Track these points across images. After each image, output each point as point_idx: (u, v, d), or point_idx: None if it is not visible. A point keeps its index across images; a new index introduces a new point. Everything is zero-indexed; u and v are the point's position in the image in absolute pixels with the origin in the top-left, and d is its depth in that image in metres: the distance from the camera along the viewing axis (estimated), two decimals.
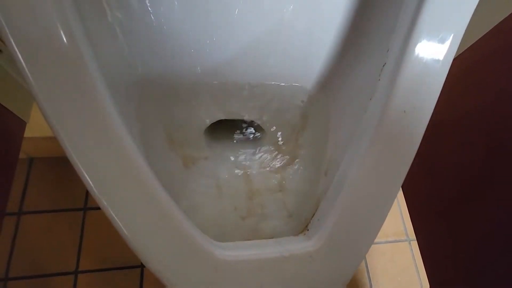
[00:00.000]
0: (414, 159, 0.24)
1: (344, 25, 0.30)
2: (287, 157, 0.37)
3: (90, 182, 0.19)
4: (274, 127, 0.37)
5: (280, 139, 0.38)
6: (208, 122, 0.35)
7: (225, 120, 0.35)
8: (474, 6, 0.25)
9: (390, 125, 0.24)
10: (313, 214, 0.27)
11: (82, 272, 0.71)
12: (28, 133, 0.58)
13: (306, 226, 0.26)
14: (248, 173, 0.36)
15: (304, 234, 0.25)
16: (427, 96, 0.24)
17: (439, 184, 0.57)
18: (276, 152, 0.37)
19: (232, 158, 0.37)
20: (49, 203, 0.75)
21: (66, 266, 0.72)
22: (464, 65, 0.50)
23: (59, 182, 0.75)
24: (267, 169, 0.36)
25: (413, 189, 0.69)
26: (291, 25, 0.31)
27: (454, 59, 0.25)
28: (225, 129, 0.38)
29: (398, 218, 0.92)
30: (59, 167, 0.76)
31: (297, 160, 0.36)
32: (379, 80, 0.26)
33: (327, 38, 0.32)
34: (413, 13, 0.25)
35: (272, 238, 0.31)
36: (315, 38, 0.32)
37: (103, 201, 0.19)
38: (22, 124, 0.54)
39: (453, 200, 0.54)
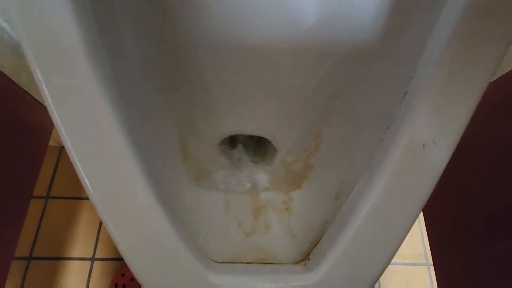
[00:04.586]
0: (438, 184, 0.22)
1: (367, 44, 0.29)
2: (297, 176, 0.36)
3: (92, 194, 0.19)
4: (286, 145, 0.36)
5: (291, 157, 0.37)
6: (223, 135, 0.35)
7: (238, 134, 0.35)
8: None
9: (407, 159, 0.22)
10: (318, 242, 0.26)
11: (98, 259, 0.75)
12: None
13: (308, 255, 0.25)
14: (256, 189, 0.35)
15: (304, 264, 0.24)
16: (450, 132, 0.22)
17: (463, 213, 0.53)
18: (286, 171, 0.37)
19: (243, 173, 0.37)
20: (74, 190, 0.79)
21: (84, 252, 0.75)
22: (499, 88, 0.46)
23: None
24: (275, 187, 0.36)
25: (434, 214, 0.65)
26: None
27: (491, 83, 0.23)
28: (237, 142, 0.38)
29: (418, 240, 0.87)
30: None
31: (306, 180, 0.36)
32: (399, 108, 0.25)
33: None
34: (446, 39, 0.23)
35: (274, 257, 0.31)
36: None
37: (104, 215, 0.19)
38: None
39: (477, 233, 0.50)
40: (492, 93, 0.46)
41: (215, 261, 0.24)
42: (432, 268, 0.84)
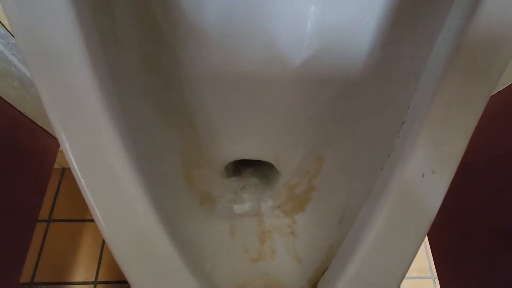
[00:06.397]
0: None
1: (363, 74, 0.30)
2: (300, 199, 0.37)
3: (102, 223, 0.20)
4: (289, 168, 0.37)
5: (294, 180, 0.38)
6: (226, 161, 0.36)
7: (241, 159, 0.36)
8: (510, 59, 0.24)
9: (407, 188, 0.23)
10: (324, 268, 0.26)
11: (101, 283, 0.74)
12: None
13: (316, 284, 0.25)
14: (261, 214, 0.36)
15: None
16: (448, 160, 0.23)
17: (465, 229, 0.54)
18: (290, 194, 0.37)
19: (247, 198, 0.37)
20: (76, 212, 0.79)
21: (86, 275, 0.75)
22: (499, 105, 0.47)
23: None
24: (280, 211, 0.37)
25: (436, 229, 0.65)
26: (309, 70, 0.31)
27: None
28: (240, 168, 0.39)
29: (422, 254, 0.86)
30: None
31: (309, 203, 0.36)
32: (398, 137, 0.26)
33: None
34: (440, 70, 0.24)
35: (281, 284, 0.31)
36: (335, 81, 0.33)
37: (113, 250, 0.20)
38: (57, 142, 0.58)
39: (480, 248, 0.50)
40: (490, 105, 0.47)
41: None
42: (437, 281, 0.83)
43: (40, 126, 0.53)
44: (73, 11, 0.19)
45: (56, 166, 0.81)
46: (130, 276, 0.20)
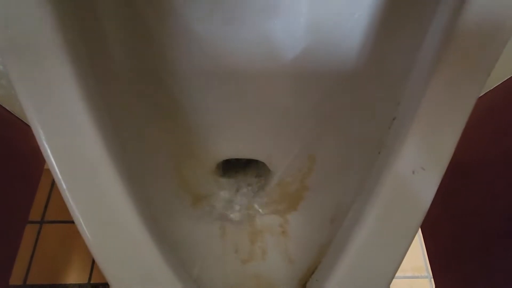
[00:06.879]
0: (434, 199, 0.22)
1: (354, 70, 0.30)
2: (292, 198, 0.36)
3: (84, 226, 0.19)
4: (281, 167, 0.37)
5: (286, 179, 0.37)
6: (218, 160, 0.36)
7: (232, 158, 0.36)
8: (499, 54, 0.24)
9: (398, 186, 0.23)
10: (314, 269, 0.26)
11: (94, 284, 0.73)
12: None
13: (305, 284, 0.25)
14: (252, 214, 0.36)
15: None
16: (438, 157, 0.23)
17: (460, 228, 0.53)
18: (282, 193, 0.37)
19: (238, 197, 0.37)
20: (69, 214, 0.78)
21: (80, 277, 0.74)
22: (490, 105, 0.47)
23: None
24: (272, 210, 0.36)
25: (431, 228, 0.65)
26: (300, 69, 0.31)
27: (479, 98, 0.24)
28: (231, 167, 0.38)
29: (418, 252, 0.86)
30: None
31: (302, 202, 0.36)
32: (388, 134, 0.25)
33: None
34: (430, 66, 0.24)
35: (272, 285, 0.30)
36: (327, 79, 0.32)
37: (93, 251, 0.19)
38: None
39: (474, 247, 0.50)
40: (481, 106, 0.47)
41: None
42: (433, 280, 0.83)
43: (29, 126, 0.52)
44: (50, 4, 0.19)
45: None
46: (110, 279, 0.19)
